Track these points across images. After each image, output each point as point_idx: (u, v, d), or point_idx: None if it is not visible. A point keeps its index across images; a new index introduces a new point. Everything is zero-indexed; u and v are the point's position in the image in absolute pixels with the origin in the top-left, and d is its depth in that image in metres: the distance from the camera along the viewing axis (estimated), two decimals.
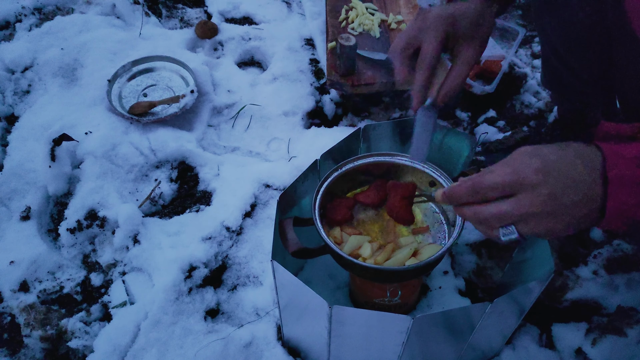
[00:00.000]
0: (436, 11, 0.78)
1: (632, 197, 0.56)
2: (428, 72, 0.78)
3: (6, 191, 1.29)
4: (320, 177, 0.95)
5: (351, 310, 0.77)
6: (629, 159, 0.56)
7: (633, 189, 0.55)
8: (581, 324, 1.06)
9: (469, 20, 0.77)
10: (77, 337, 1.07)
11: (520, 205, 0.58)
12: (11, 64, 1.55)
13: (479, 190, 0.61)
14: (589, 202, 0.57)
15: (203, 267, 1.13)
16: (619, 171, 0.56)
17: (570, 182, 0.57)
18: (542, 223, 0.58)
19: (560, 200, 0.57)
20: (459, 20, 0.77)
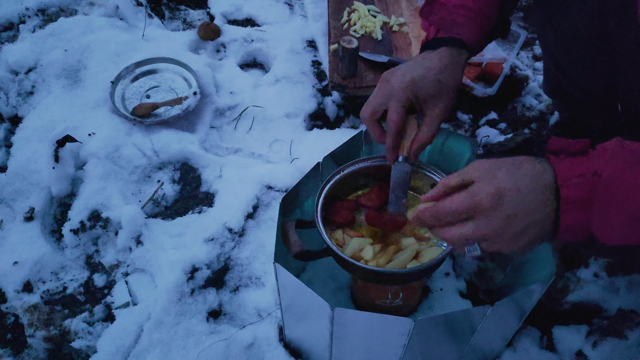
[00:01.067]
0: (399, 77, 0.82)
1: (579, 215, 0.59)
2: (394, 137, 0.83)
3: (10, 192, 1.30)
4: (322, 180, 0.95)
5: (353, 312, 0.78)
6: (578, 176, 0.59)
7: (580, 208, 0.58)
8: (582, 327, 1.06)
9: (431, 84, 0.81)
10: (80, 338, 1.08)
11: (478, 228, 0.62)
12: (15, 65, 1.55)
13: (440, 216, 0.65)
14: (543, 222, 0.60)
15: (205, 269, 1.14)
16: (568, 190, 0.59)
17: (524, 205, 0.60)
18: (501, 243, 0.62)
19: (515, 222, 0.60)
20: (420, 86, 0.81)
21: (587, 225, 0.59)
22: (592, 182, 0.58)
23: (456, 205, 0.63)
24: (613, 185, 0.58)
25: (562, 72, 1.05)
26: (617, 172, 0.58)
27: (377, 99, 0.84)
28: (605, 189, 0.58)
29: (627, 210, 0.57)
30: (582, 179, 0.58)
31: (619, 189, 0.57)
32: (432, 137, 0.84)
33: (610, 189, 0.58)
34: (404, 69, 0.83)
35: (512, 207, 0.60)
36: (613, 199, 0.58)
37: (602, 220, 0.58)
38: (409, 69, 0.82)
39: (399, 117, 0.82)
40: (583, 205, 0.58)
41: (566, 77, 1.05)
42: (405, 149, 0.85)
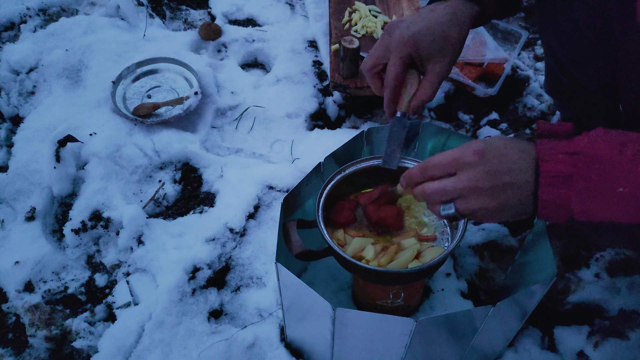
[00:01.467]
0: (401, 30, 0.80)
1: (558, 190, 0.60)
2: (394, 90, 0.83)
3: (11, 192, 1.30)
4: (323, 180, 0.95)
5: (354, 312, 0.78)
6: (559, 153, 0.60)
7: (560, 183, 0.60)
8: (583, 327, 1.06)
9: (432, 39, 0.80)
10: (82, 338, 1.08)
11: (459, 181, 0.64)
12: (16, 65, 1.56)
13: (426, 168, 0.68)
14: (523, 187, 0.62)
15: (207, 268, 1.14)
16: (547, 165, 0.60)
17: (506, 164, 0.62)
18: (479, 200, 0.63)
19: (495, 178, 0.62)
20: (422, 41, 0.80)
21: (566, 202, 0.60)
22: (572, 160, 0.59)
23: (442, 157, 0.66)
24: (594, 163, 0.59)
25: (564, 70, 1.05)
26: (600, 152, 0.59)
27: (378, 51, 0.83)
28: (587, 166, 0.59)
29: (607, 188, 0.58)
30: (563, 156, 0.60)
31: (599, 167, 0.58)
32: (432, 94, 0.83)
33: (591, 166, 0.59)
34: (408, 22, 0.81)
35: (495, 164, 0.62)
36: (594, 176, 0.58)
37: (582, 197, 0.59)
38: (412, 22, 0.81)
39: (397, 72, 0.81)
40: (562, 181, 0.59)
41: (567, 76, 1.05)
42: (404, 105, 0.84)
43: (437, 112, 1.51)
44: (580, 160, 0.59)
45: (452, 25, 0.80)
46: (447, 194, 0.65)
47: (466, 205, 0.65)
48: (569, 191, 0.59)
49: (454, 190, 0.65)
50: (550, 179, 0.60)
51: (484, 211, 0.64)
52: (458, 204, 0.65)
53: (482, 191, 0.63)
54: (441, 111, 1.52)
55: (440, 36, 0.79)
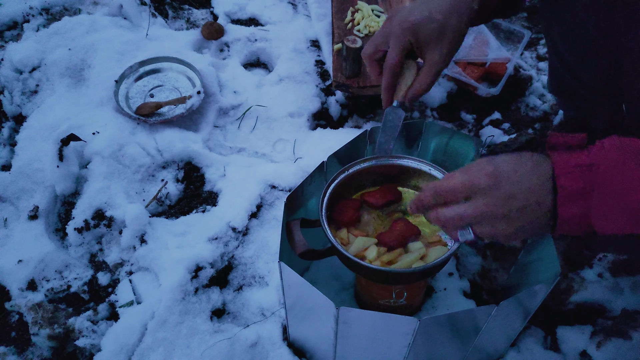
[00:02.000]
0: (401, 18, 0.80)
1: (578, 206, 0.59)
2: (391, 78, 0.83)
3: (14, 190, 1.30)
4: (327, 179, 0.95)
5: (358, 311, 0.78)
6: (575, 167, 0.59)
7: (578, 199, 0.59)
8: (586, 327, 1.06)
9: (432, 28, 0.79)
10: (85, 336, 1.08)
11: (475, 207, 0.63)
12: (19, 64, 1.56)
13: (440, 193, 0.66)
14: (540, 207, 0.61)
15: (209, 267, 1.14)
16: (564, 180, 0.59)
17: (521, 186, 0.61)
18: (496, 225, 0.63)
19: (511, 202, 0.61)
20: (422, 29, 0.80)
21: (585, 217, 0.59)
22: (590, 173, 0.58)
23: (454, 182, 0.64)
24: (612, 175, 0.58)
25: (567, 68, 1.05)
26: (616, 163, 0.58)
27: (379, 38, 0.83)
28: (604, 179, 0.58)
29: (626, 200, 0.57)
30: (579, 170, 0.59)
31: (617, 179, 0.58)
32: (430, 84, 0.83)
33: (608, 179, 0.58)
34: (409, 9, 0.81)
35: (509, 187, 0.61)
36: (612, 188, 0.58)
37: (601, 210, 0.58)
38: (413, 10, 0.81)
39: (396, 59, 0.81)
40: (581, 195, 0.58)
41: (571, 74, 1.05)
42: (401, 94, 0.84)
43: (440, 111, 1.51)
44: (599, 173, 0.58)
45: (452, 16, 0.80)
46: (464, 220, 0.65)
47: (483, 230, 0.64)
48: (588, 206, 0.58)
49: (470, 217, 0.64)
50: (568, 195, 0.59)
51: (503, 235, 0.63)
52: (476, 229, 0.64)
53: (498, 217, 0.62)
54: (444, 111, 1.52)
55: (440, 25, 0.79)
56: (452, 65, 1.51)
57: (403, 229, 0.87)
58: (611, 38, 0.89)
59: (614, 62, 0.93)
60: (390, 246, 0.86)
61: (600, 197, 0.58)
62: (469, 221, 0.64)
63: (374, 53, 0.85)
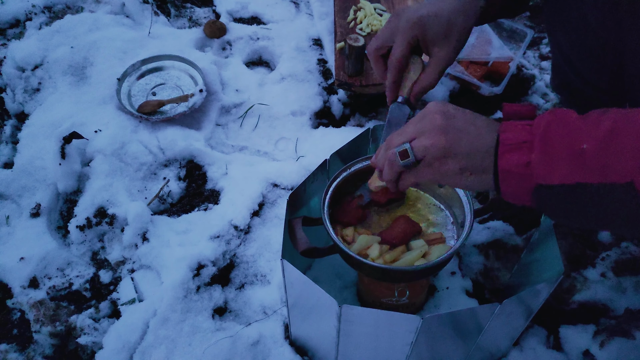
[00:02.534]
0: (408, 14, 0.81)
1: (517, 155, 0.59)
2: (396, 74, 0.83)
3: (16, 188, 1.30)
4: (329, 177, 0.95)
5: (360, 309, 0.77)
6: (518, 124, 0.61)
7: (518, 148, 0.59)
8: (589, 326, 1.06)
9: (440, 24, 0.80)
10: (86, 334, 1.08)
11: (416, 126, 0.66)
12: (21, 62, 1.56)
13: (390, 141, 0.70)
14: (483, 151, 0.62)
15: (211, 266, 1.14)
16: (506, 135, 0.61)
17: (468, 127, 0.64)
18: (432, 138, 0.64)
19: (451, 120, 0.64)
20: (428, 24, 0.80)
21: (527, 167, 0.59)
22: (531, 128, 0.59)
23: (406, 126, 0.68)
24: (554, 125, 0.58)
25: (571, 66, 1.04)
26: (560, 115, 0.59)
27: (384, 33, 0.83)
28: (546, 129, 0.58)
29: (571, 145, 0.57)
30: (521, 125, 0.60)
31: (561, 127, 0.58)
32: (435, 81, 0.83)
33: (550, 128, 0.58)
34: (417, 6, 0.81)
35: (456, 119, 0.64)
36: (553, 135, 0.58)
37: (543, 158, 0.58)
38: (421, 6, 0.81)
39: (401, 55, 0.81)
40: (521, 144, 0.59)
41: (574, 71, 1.05)
42: (407, 90, 0.84)
43: None
44: (540, 125, 0.59)
45: (459, 14, 0.81)
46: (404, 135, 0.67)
47: (419, 143, 0.65)
48: (529, 155, 0.58)
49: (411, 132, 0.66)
50: (508, 146, 0.60)
51: (435, 149, 0.64)
52: (413, 144, 0.66)
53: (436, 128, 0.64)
54: None
55: (447, 21, 0.80)
56: (455, 64, 1.51)
57: (404, 226, 0.87)
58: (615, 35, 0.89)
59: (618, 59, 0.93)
60: (392, 244, 0.86)
61: (542, 145, 0.58)
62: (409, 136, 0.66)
63: (379, 48, 0.84)
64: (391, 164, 0.69)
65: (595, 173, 0.56)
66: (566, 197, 0.58)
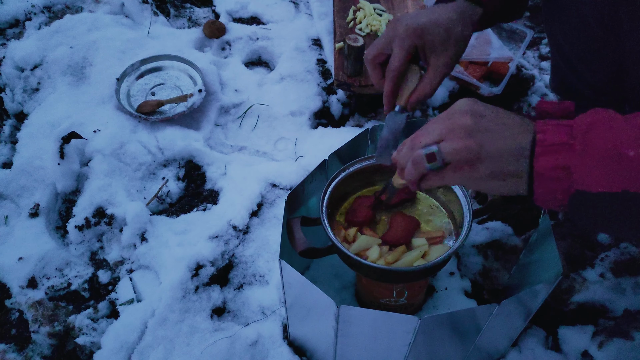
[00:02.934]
0: (407, 21, 0.80)
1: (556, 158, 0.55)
2: (394, 82, 0.81)
3: (15, 188, 1.30)
4: (328, 177, 0.95)
5: (358, 310, 0.77)
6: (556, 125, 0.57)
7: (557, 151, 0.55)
8: (588, 327, 1.06)
9: (438, 33, 0.79)
10: (85, 334, 1.08)
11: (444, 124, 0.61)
12: (21, 61, 1.56)
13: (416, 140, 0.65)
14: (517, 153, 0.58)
15: (210, 266, 1.14)
16: (544, 135, 0.56)
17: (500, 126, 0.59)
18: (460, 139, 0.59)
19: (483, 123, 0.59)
20: (428, 32, 0.79)
21: (566, 170, 0.55)
22: (571, 129, 0.56)
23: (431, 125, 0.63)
24: (596, 128, 0.55)
25: (570, 66, 1.04)
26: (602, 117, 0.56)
27: (382, 41, 0.82)
28: (587, 132, 0.55)
29: (615, 150, 0.53)
30: (560, 126, 0.56)
31: (604, 130, 0.55)
32: (433, 89, 0.82)
33: (592, 131, 0.55)
34: (415, 14, 0.81)
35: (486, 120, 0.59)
36: (595, 139, 0.54)
37: (584, 162, 0.54)
38: (419, 14, 0.81)
39: (400, 62, 0.80)
40: (560, 146, 0.55)
41: (573, 72, 1.05)
42: (404, 99, 0.83)
43: (442, 110, 1.51)
44: (581, 126, 0.55)
45: (457, 23, 0.80)
46: (431, 135, 0.62)
47: (447, 144, 0.60)
48: (569, 158, 0.54)
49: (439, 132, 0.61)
50: (546, 147, 0.55)
51: (465, 153, 0.59)
52: (441, 145, 0.61)
53: (466, 131, 0.59)
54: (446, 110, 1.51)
55: (445, 30, 0.80)
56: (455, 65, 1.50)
57: (404, 223, 0.87)
58: (614, 36, 0.89)
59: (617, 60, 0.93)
60: (398, 244, 0.86)
61: (584, 148, 0.54)
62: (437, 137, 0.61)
63: (377, 56, 0.84)
64: (416, 165, 0.64)
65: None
66: (606, 205, 0.55)
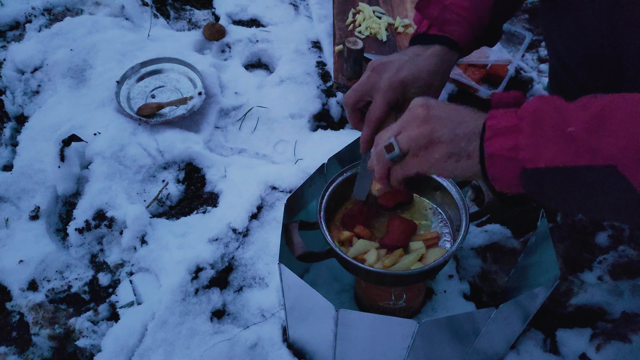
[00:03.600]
0: (389, 74, 0.82)
1: (504, 140, 0.60)
2: (372, 129, 0.85)
3: (15, 191, 1.30)
4: (327, 181, 0.95)
5: (357, 313, 0.78)
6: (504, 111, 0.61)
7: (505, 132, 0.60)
8: (585, 330, 1.06)
9: (420, 86, 0.83)
10: (85, 336, 1.09)
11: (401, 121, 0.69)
12: (21, 64, 1.56)
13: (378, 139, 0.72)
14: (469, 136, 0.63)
15: (209, 268, 1.14)
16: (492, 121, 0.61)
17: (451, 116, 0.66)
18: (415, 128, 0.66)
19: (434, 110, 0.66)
20: (408, 87, 0.82)
21: (514, 153, 0.59)
22: (518, 112, 0.60)
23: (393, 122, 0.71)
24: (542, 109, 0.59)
25: (567, 71, 1.04)
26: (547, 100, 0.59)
27: (363, 87, 0.85)
28: (534, 112, 0.59)
29: (557, 128, 0.57)
30: (509, 112, 0.61)
31: (548, 110, 0.58)
32: None
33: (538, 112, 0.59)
34: (398, 66, 0.83)
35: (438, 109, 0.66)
36: (542, 118, 0.58)
37: (531, 142, 0.58)
38: (402, 66, 0.83)
39: (381, 114, 0.83)
40: (508, 129, 0.59)
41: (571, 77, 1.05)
42: None
43: None
44: (527, 110, 0.59)
45: (436, 75, 0.84)
46: (390, 130, 0.69)
47: (403, 134, 0.67)
48: (516, 138, 0.58)
49: (396, 127, 0.68)
50: (494, 130, 0.60)
51: (419, 138, 0.65)
52: (400, 137, 0.68)
53: (418, 118, 0.66)
54: None
55: (426, 84, 0.83)
56: (454, 67, 1.51)
57: (401, 227, 0.87)
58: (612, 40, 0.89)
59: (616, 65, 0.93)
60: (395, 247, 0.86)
61: (529, 128, 0.58)
62: (395, 131, 0.68)
63: (356, 102, 0.86)
64: (379, 160, 0.71)
65: (582, 156, 0.56)
66: (554, 181, 0.58)
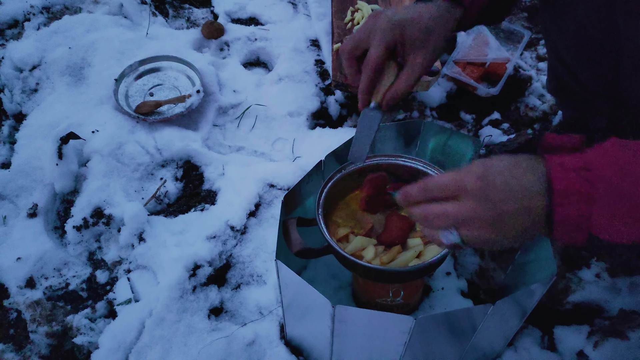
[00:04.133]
0: (387, 16, 0.78)
1: (577, 209, 0.56)
2: (371, 77, 0.79)
3: (14, 188, 1.30)
4: (324, 178, 0.95)
5: (354, 310, 0.78)
6: (573, 170, 0.56)
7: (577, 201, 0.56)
8: (583, 327, 1.06)
9: (419, 29, 0.78)
10: (83, 334, 1.08)
11: (461, 208, 0.60)
12: (19, 62, 1.56)
13: (427, 188, 0.64)
14: (531, 213, 0.58)
15: (207, 266, 1.14)
16: (560, 184, 0.56)
17: (512, 189, 0.58)
18: (481, 230, 0.60)
19: (501, 206, 0.58)
20: (407, 29, 0.77)
21: (585, 222, 0.56)
22: (588, 173, 0.56)
23: (443, 179, 0.62)
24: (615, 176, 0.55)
25: (567, 69, 1.05)
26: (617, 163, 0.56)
27: (361, 34, 0.79)
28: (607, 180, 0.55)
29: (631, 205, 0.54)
30: (576, 172, 0.56)
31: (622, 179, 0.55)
32: (410, 87, 0.79)
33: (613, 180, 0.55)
34: (395, 10, 0.79)
35: (500, 191, 0.58)
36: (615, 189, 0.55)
37: (605, 214, 0.55)
38: (399, 10, 0.79)
39: (378, 56, 0.77)
40: (579, 195, 0.56)
41: (570, 75, 1.05)
42: (379, 96, 0.81)
43: (439, 111, 1.51)
44: (595, 175, 0.55)
45: (437, 21, 0.79)
46: (448, 219, 0.61)
47: (468, 233, 0.61)
48: (589, 209, 0.55)
49: (455, 217, 0.61)
50: (565, 195, 0.56)
51: (489, 241, 0.60)
52: (461, 232, 0.61)
53: (485, 223, 0.59)
54: (443, 111, 1.52)
55: (426, 28, 0.78)
56: (452, 65, 1.51)
57: (398, 223, 0.87)
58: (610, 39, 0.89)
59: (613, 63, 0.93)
60: (394, 244, 0.86)
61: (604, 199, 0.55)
62: (454, 221, 0.61)
63: (354, 49, 0.80)
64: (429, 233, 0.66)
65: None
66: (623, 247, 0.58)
